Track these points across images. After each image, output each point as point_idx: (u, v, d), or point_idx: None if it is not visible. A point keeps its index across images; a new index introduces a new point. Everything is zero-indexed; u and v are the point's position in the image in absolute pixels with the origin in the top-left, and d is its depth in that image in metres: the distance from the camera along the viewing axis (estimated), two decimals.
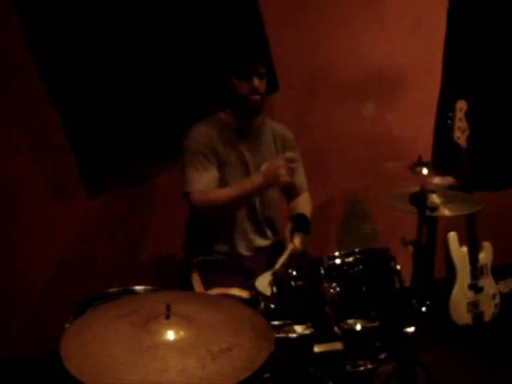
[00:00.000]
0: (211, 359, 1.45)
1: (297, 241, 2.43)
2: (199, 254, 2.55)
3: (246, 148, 2.54)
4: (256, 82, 2.38)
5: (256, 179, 2.32)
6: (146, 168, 3.00)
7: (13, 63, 2.77)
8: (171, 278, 2.65)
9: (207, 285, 2.37)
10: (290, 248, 2.35)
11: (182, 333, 1.53)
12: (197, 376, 1.40)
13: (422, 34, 3.41)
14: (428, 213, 2.26)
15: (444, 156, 3.08)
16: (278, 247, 2.57)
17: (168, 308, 1.55)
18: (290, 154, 2.31)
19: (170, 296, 1.72)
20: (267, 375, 1.73)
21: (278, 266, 2.21)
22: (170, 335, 1.52)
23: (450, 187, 2.42)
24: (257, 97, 2.41)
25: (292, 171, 2.25)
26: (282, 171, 2.21)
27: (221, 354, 1.47)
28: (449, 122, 3.03)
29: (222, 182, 2.46)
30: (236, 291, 2.15)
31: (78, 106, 2.84)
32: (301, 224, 2.49)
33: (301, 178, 2.72)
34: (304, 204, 2.70)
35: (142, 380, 1.38)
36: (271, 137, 2.63)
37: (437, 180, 2.29)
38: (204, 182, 2.37)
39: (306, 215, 2.57)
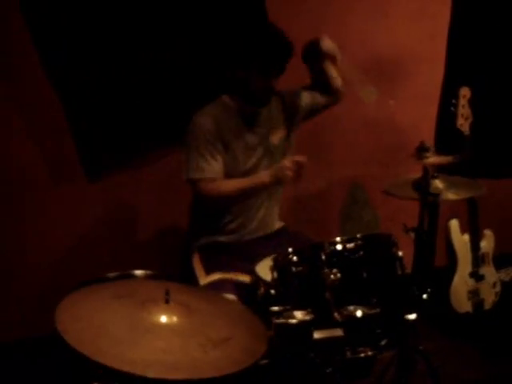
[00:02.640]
0: (212, 346, 1.46)
1: None
2: (201, 238, 2.52)
3: (252, 131, 2.47)
4: (273, 82, 2.38)
5: (265, 177, 2.33)
6: (146, 152, 2.98)
7: (13, 47, 2.74)
8: (172, 263, 2.65)
9: (208, 269, 2.36)
10: None
11: (182, 318, 1.53)
12: (202, 360, 1.41)
13: (426, 21, 3.37)
14: (430, 199, 2.25)
15: (446, 143, 3.06)
16: (281, 233, 2.59)
17: (167, 293, 1.54)
18: (298, 158, 2.28)
19: (166, 285, 1.70)
20: (266, 361, 1.72)
21: None
22: (170, 318, 1.52)
23: (450, 166, 2.39)
24: (268, 94, 2.41)
25: (299, 174, 2.26)
26: (289, 173, 2.23)
27: (220, 344, 1.48)
28: (452, 109, 3.01)
29: (230, 168, 2.42)
30: (237, 276, 2.14)
31: (78, 90, 2.82)
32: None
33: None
34: None
35: (144, 358, 1.37)
36: (279, 109, 2.57)
37: (438, 159, 2.27)
38: (212, 171, 2.34)
39: None
